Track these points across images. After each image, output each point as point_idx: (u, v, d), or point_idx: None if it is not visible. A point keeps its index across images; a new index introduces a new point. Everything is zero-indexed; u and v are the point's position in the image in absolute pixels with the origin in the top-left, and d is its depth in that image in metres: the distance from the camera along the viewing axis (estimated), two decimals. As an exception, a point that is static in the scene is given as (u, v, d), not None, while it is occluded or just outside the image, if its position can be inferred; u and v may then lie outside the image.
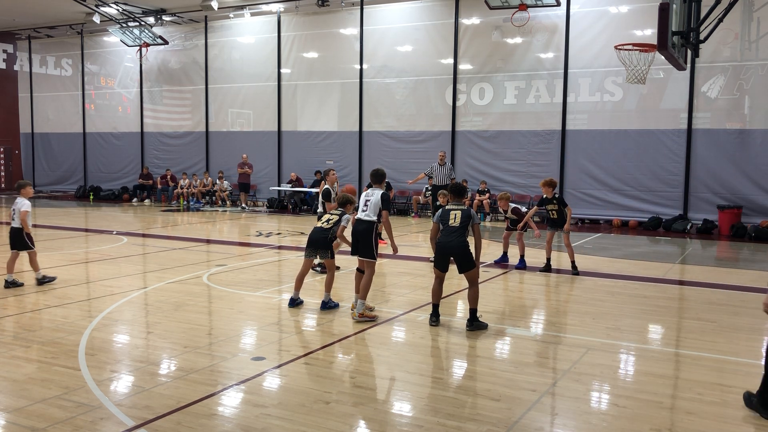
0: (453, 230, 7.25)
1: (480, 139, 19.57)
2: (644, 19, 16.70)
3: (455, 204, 7.50)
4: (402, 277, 10.16)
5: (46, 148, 28.60)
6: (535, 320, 7.70)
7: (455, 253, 7.24)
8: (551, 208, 10.69)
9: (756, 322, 7.56)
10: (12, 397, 4.92)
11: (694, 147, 16.94)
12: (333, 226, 7.95)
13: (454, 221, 7.29)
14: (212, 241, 14.27)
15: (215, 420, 4.56)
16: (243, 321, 7.37)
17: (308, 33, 22.13)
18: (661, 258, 12.60)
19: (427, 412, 4.73)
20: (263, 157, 22.65)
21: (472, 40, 19.55)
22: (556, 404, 4.96)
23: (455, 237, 7.20)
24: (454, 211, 7.36)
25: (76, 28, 26.26)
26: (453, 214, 7.34)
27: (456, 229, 7.24)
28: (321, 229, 7.98)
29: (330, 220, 8.01)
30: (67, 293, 8.61)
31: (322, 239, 7.93)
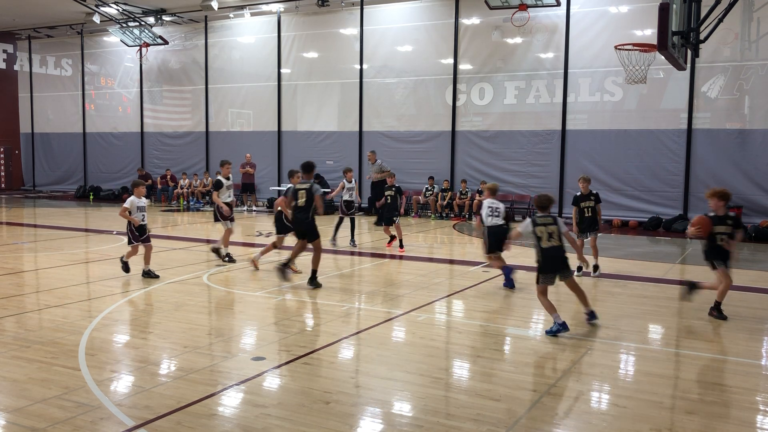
0: (301, 208, 8.65)
1: (480, 139, 19.57)
2: (644, 19, 16.69)
3: (303, 182, 8.79)
4: (402, 277, 10.16)
5: (46, 148, 28.60)
6: (535, 320, 7.70)
7: (303, 228, 8.74)
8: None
9: (756, 322, 7.56)
10: (12, 397, 4.92)
11: (694, 147, 16.93)
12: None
13: (302, 199, 8.65)
14: (212, 241, 14.26)
15: (215, 420, 4.56)
16: (243, 321, 7.37)
17: (308, 33, 22.12)
18: (661, 258, 12.60)
19: (427, 412, 4.73)
20: (263, 157, 22.64)
21: (472, 40, 19.54)
22: (556, 404, 4.96)
23: (302, 213, 8.66)
24: (301, 190, 8.66)
25: (76, 28, 26.26)
26: (300, 194, 8.66)
27: (303, 206, 8.62)
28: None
29: None
30: (67, 293, 8.61)
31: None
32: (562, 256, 6.65)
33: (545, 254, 6.56)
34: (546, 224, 6.58)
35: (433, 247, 14.13)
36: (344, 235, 13.62)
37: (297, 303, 8.42)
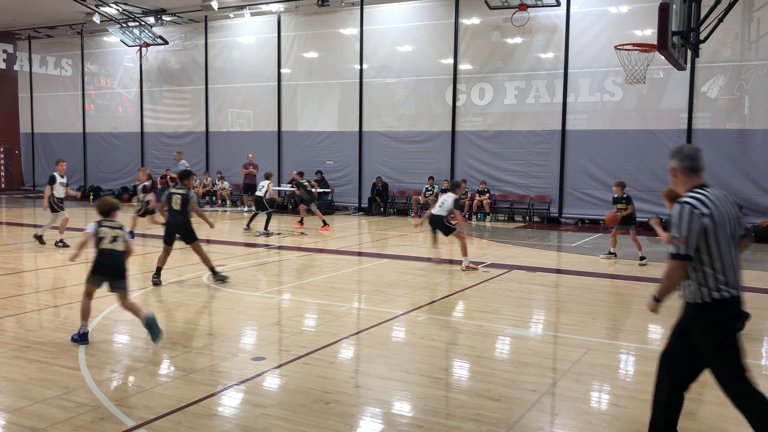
0: (176, 212, 8.99)
1: (480, 139, 19.56)
2: (644, 19, 16.68)
3: (178, 189, 9.14)
4: (402, 277, 10.16)
5: (46, 148, 28.59)
6: (535, 320, 7.70)
7: (180, 230, 9.06)
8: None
9: (756, 322, 7.56)
10: (12, 397, 4.92)
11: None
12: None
13: (176, 204, 9.00)
14: (212, 241, 14.26)
15: (215, 420, 4.56)
16: (243, 321, 7.38)
17: (308, 33, 22.12)
18: (662, 258, 12.57)
19: (427, 412, 4.73)
20: (263, 157, 22.62)
21: (472, 40, 19.54)
22: (556, 404, 4.96)
23: (178, 217, 8.98)
24: (176, 195, 9.05)
25: (76, 28, 26.26)
26: (175, 198, 9.04)
27: (178, 210, 8.98)
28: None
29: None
30: (67, 293, 8.61)
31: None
32: (118, 265, 6.35)
33: (100, 255, 6.32)
34: (113, 227, 6.41)
35: (433, 247, 14.12)
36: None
37: (297, 303, 8.42)
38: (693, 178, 3.82)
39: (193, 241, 9.16)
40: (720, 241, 3.65)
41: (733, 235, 3.73)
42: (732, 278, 3.70)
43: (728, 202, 3.79)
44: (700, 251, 3.66)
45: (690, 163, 3.83)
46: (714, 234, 3.63)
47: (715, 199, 3.70)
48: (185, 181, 9.34)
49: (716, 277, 3.66)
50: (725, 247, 3.67)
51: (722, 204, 3.73)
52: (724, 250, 3.66)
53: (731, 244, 3.71)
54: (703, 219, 3.61)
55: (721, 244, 3.65)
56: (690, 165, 3.82)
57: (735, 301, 3.74)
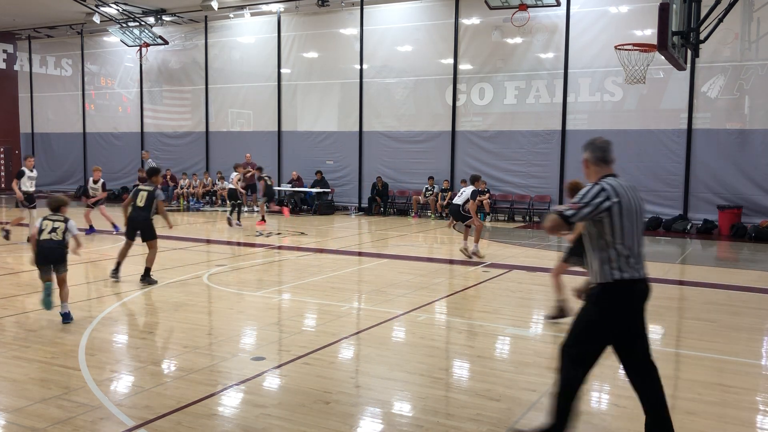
0: (140, 208, 9.11)
1: (480, 139, 19.56)
2: (644, 19, 16.68)
3: (146, 185, 9.29)
4: (402, 277, 10.16)
5: (46, 148, 28.59)
6: (535, 320, 7.70)
7: (139, 226, 9.16)
8: None
9: (756, 322, 7.56)
10: (12, 397, 4.92)
11: (694, 147, 16.93)
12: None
13: (140, 201, 9.15)
14: (212, 241, 14.27)
15: (215, 420, 4.56)
16: (243, 321, 7.37)
17: (308, 33, 22.12)
18: (661, 258, 12.60)
19: (427, 412, 4.73)
20: (263, 157, 22.61)
21: (472, 40, 19.54)
22: (556, 404, 4.95)
23: (142, 213, 9.11)
24: (143, 191, 9.21)
25: (76, 28, 26.25)
26: (141, 194, 9.19)
27: (142, 206, 9.11)
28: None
29: None
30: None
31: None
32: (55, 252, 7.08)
33: (38, 245, 7.06)
34: (54, 221, 7.17)
35: (432, 247, 14.13)
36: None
37: (297, 303, 8.42)
38: (604, 168, 4.04)
39: (150, 239, 9.28)
40: (625, 226, 3.86)
41: (638, 225, 3.96)
42: (634, 262, 3.90)
43: (636, 195, 4.00)
44: (605, 234, 3.88)
45: (601, 155, 4.05)
46: (619, 218, 3.85)
47: (623, 188, 3.92)
48: (153, 178, 9.52)
49: (621, 260, 3.87)
50: (630, 233, 3.89)
51: (630, 194, 3.95)
52: (629, 235, 3.88)
53: (636, 232, 3.94)
54: (609, 201, 3.83)
55: (625, 229, 3.87)
56: (601, 156, 4.05)
57: (635, 283, 3.92)
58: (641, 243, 3.98)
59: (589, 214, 3.84)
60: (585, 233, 4.04)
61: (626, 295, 3.91)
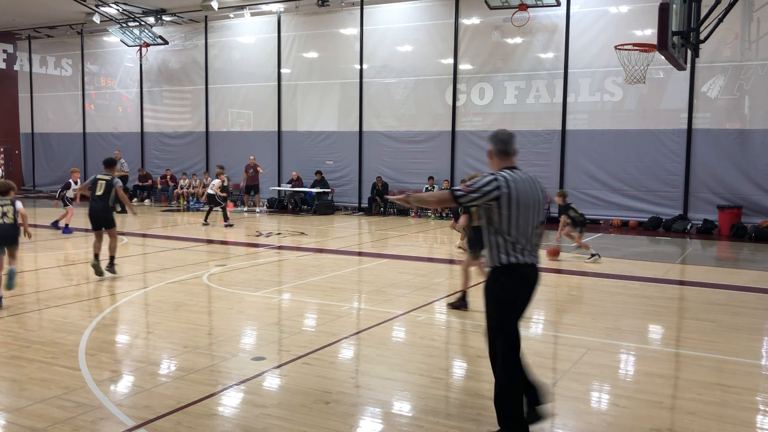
0: (99, 197, 9.38)
1: (480, 139, 19.55)
2: (644, 19, 16.68)
3: (103, 174, 9.53)
4: (402, 277, 10.16)
5: (46, 148, 28.59)
6: (535, 320, 7.70)
7: (99, 214, 9.45)
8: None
9: (756, 322, 7.56)
10: (12, 397, 4.92)
11: (694, 147, 16.93)
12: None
13: (99, 190, 9.42)
14: (212, 241, 14.28)
15: (215, 420, 4.56)
16: (243, 321, 7.38)
17: (308, 33, 22.12)
18: (661, 258, 12.60)
19: (427, 412, 4.73)
20: (263, 157, 22.63)
21: (472, 40, 19.54)
22: (556, 404, 4.95)
23: (100, 203, 9.39)
24: (101, 180, 9.45)
25: (76, 28, 26.24)
26: (99, 184, 9.44)
27: (101, 195, 9.37)
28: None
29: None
30: (67, 293, 8.62)
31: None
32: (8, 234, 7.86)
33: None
34: (3, 205, 7.93)
35: (432, 247, 14.13)
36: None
37: (297, 303, 8.42)
38: (505, 160, 4.31)
39: (111, 227, 9.60)
40: (513, 215, 4.10)
41: (531, 215, 4.18)
42: (521, 248, 4.15)
43: (535, 187, 4.24)
44: (494, 221, 4.15)
45: (503, 147, 4.32)
46: (508, 207, 4.09)
47: (518, 180, 4.17)
48: (109, 168, 9.76)
49: (508, 246, 4.13)
50: (522, 221, 4.13)
51: (526, 186, 4.18)
52: (521, 223, 4.13)
53: (529, 222, 4.16)
54: (498, 191, 4.07)
55: (513, 218, 4.10)
56: (503, 148, 4.32)
57: (520, 268, 4.18)
58: (533, 232, 4.21)
59: (476, 199, 4.10)
60: (482, 221, 4.29)
61: (514, 276, 4.19)
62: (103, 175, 9.56)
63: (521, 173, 4.23)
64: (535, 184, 4.25)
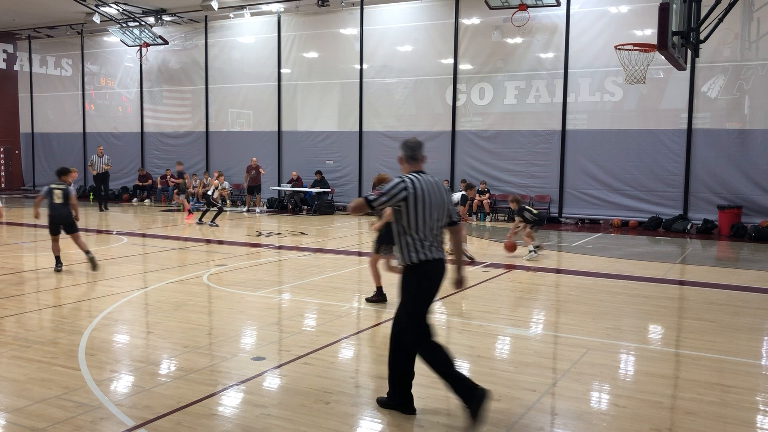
0: (58, 205, 9.84)
1: (480, 139, 19.57)
2: (644, 19, 16.69)
3: (58, 184, 9.95)
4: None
5: (46, 148, 28.59)
6: (535, 320, 7.70)
7: (63, 221, 9.88)
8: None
9: (756, 322, 7.56)
10: (12, 397, 4.92)
11: (694, 147, 16.93)
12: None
13: (57, 198, 9.83)
14: (212, 241, 14.27)
15: (215, 420, 4.56)
16: (243, 321, 7.37)
17: (308, 33, 22.12)
18: (661, 258, 12.61)
19: (427, 412, 4.73)
20: (263, 157, 22.64)
21: (472, 40, 19.54)
22: (556, 404, 4.96)
23: (61, 210, 9.85)
24: (57, 189, 9.87)
25: (76, 28, 26.24)
26: (57, 193, 9.85)
27: (61, 203, 9.83)
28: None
29: None
30: (67, 293, 8.62)
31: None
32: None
33: None
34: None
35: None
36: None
37: (297, 303, 8.42)
38: (413, 165, 4.68)
39: (74, 232, 10.04)
40: (419, 215, 4.49)
41: (438, 214, 4.57)
42: (428, 245, 4.54)
43: (441, 190, 4.63)
44: (402, 221, 4.54)
45: (411, 153, 4.68)
46: (414, 208, 4.48)
47: (424, 183, 4.54)
48: (63, 177, 10.18)
49: (416, 244, 4.53)
50: (428, 220, 4.52)
51: (431, 188, 4.56)
52: (427, 222, 4.52)
53: (434, 220, 4.56)
54: (405, 192, 4.45)
55: (419, 218, 4.49)
56: (411, 154, 4.69)
57: (428, 264, 4.55)
58: (439, 230, 4.62)
59: (386, 202, 4.48)
60: (393, 221, 4.66)
61: (425, 272, 4.56)
62: (58, 185, 10.03)
63: (427, 177, 4.61)
64: (440, 186, 4.65)
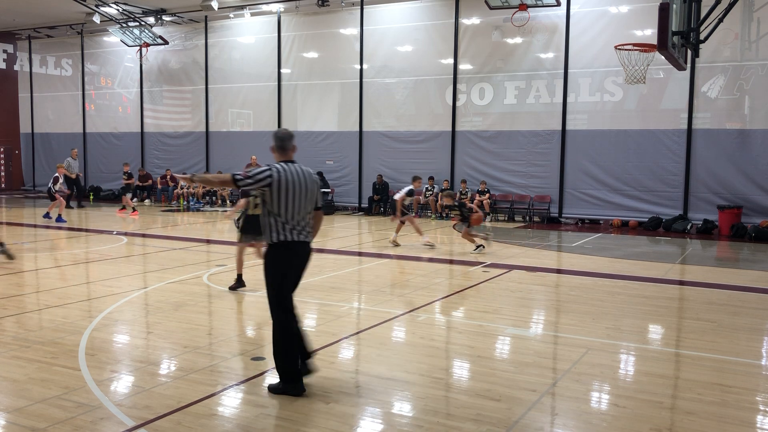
0: None
1: (480, 139, 19.57)
2: (644, 19, 16.69)
3: None
4: (402, 277, 10.16)
5: (46, 148, 28.59)
6: (535, 320, 7.70)
7: None
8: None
9: (756, 322, 7.57)
10: (12, 397, 4.92)
11: (694, 147, 16.94)
12: None
13: None
14: (212, 241, 14.27)
15: (215, 420, 4.56)
16: (243, 321, 7.37)
17: (308, 33, 22.12)
18: (661, 258, 12.61)
19: (427, 412, 4.73)
20: (263, 157, 22.62)
21: (472, 40, 19.55)
22: (556, 404, 4.96)
23: None
24: None
25: (76, 28, 26.25)
26: None
27: None
28: None
29: None
30: (67, 293, 8.61)
31: None
32: None
33: None
34: None
35: (433, 247, 14.12)
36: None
37: (297, 303, 8.40)
38: (283, 155, 5.15)
39: None
40: (282, 200, 4.91)
41: (302, 201, 4.98)
42: (290, 229, 4.97)
43: (308, 178, 5.06)
44: (267, 203, 4.96)
45: (280, 143, 5.15)
46: (277, 193, 4.91)
47: (289, 171, 4.99)
48: None
49: (278, 225, 4.95)
50: (291, 205, 4.94)
51: (298, 176, 5.01)
52: (291, 207, 4.94)
53: (299, 206, 4.98)
54: (270, 178, 4.90)
55: (282, 202, 4.92)
56: (280, 145, 5.15)
57: (290, 245, 4.99)
58: (303, 215, 5.01)
59: (251, 184, 4.91)
60: (260, 207, 5.07)
61: (285, 252, 4.98)
62: None
63: (295, 166, 5.05)
64: (307, 176, 5.07)
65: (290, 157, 5.15)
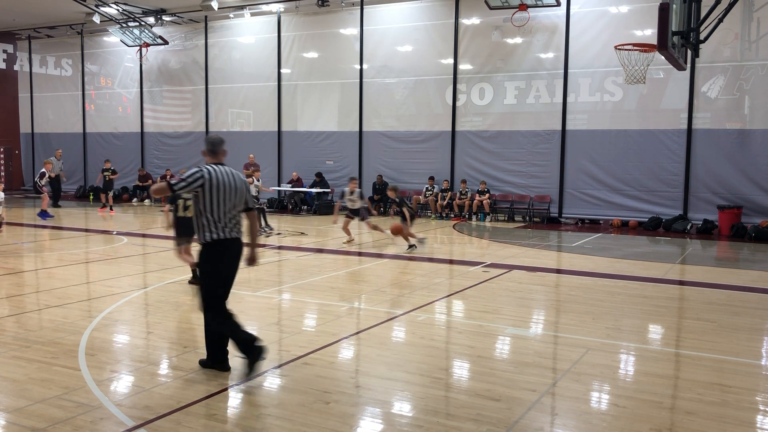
0: None
1: (480, 139, 19.57)
2: (644, 19, 16.69)
3: None
4: (402, 277, 10.16)
5: (47, 148, 28.56)
6: (535, 320, 7.70)
7: None
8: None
9: (756, 322, 7.57)
10: (12, 397, 4.92)
11: (694, 147, 16.93)
12: None
13: None
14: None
15: (215, 420, 4.56)
16: (243, 321, 7.36)
17: (308, 33, 22.12)
18: (661, 258, 12.61)
19: (427, 412, 4.73)
20: (263, 157, 22.64)
21: (472, 40, 19.54)
22: (556, 404, 4.96)
23: None
24: None
25: (76, 28, 26.25)
26: None
27: None
28: None
29: None
30: (67, 293, 8.61)
31: None
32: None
33: None
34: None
35: (433, 247, 14.12)
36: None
37: (297, 303, 8.42)
38: (213, 158, 5.52)
39: None
40: (213, 200, 5.24)
41: (230, 200, 5.31)
42: (222, 227, 5.28)
43: (237, 178, 5.42)
44: (199, 204, 5.26)
45: (211, 147, 5.56)
46: (209, 194, 5.23)
47: (218, 172, 5.33)
48: None
49: (211, 225, 5.25)
50: (221, 204, 5.27)
51: (228, 177, 5.36)
52: (216, 207, 5.25)
53: (229, 205, 5.30)
54: (201, 180, 5.24)
55: (213, 202, 5.24)
56: (210, 149, 5.56)
57: (222, 242, 5.28)
58: (233, 213, 5.34)
59: (184, 187, 5.24)
60: (193, 208, 5.37)
61: (219, 249, 5.28)
62: None
63: (224, 168, 5.40)
64: (236, 176, 5.42)
65: (220, 160, 5.51)
